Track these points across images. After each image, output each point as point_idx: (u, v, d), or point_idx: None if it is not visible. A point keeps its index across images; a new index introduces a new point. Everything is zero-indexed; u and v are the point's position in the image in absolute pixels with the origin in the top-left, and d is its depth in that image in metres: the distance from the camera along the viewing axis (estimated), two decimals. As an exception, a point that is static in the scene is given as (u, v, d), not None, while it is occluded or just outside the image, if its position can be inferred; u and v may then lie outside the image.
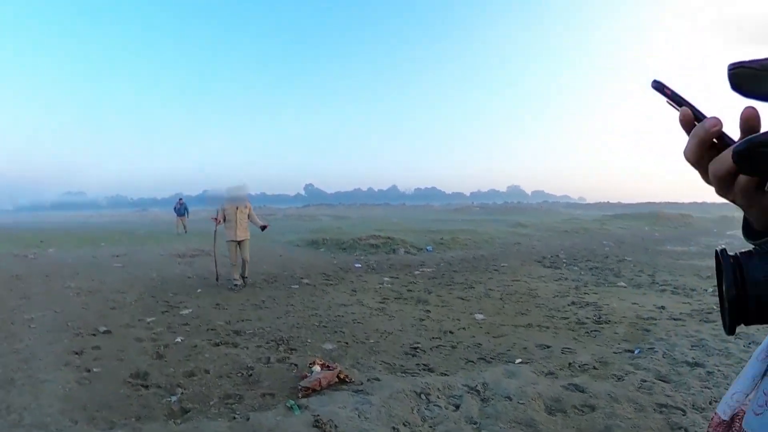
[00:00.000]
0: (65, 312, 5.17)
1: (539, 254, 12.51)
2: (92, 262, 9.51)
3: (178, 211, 19.52)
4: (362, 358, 3.92)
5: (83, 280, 7.32)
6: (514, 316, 5.39)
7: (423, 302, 6.27)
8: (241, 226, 7.00)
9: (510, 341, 4.35)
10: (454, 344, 4.31)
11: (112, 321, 4.86)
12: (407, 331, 4.80)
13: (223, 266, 7.64)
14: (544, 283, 7.72)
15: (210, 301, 6.13)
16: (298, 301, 6.25)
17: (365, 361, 3.84)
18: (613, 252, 13.16)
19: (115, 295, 6.21)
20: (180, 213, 19.42)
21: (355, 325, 4.99)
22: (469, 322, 5.16)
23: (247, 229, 7.15)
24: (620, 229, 25.73)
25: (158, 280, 7.56)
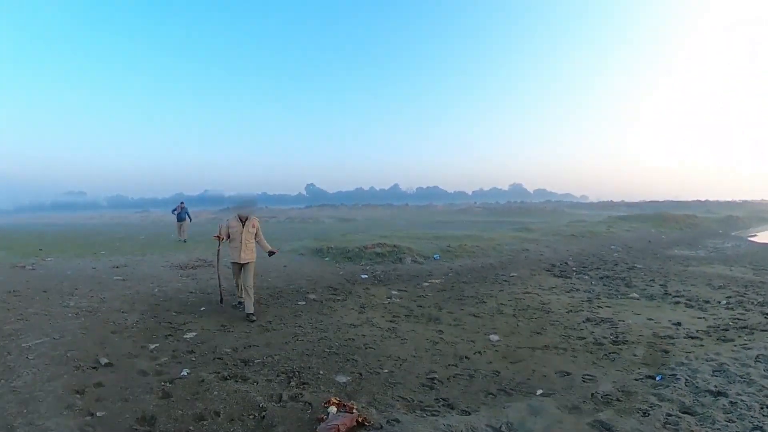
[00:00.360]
0: (64, 338, 4.93)
1: (548, 262, 12.33)
2: (92, 274, 9.27)
3: (178, 216, 17.68)
4: (378, 394, 3.71)
5: (83, 296, 7.08)
6: (530, 336, 5.22)
7: (435, 320, 6.07)
8: (247, 248, 6.12)
9: (528, 368, 4.19)
10: (472, 373, 4.13)
11: (113, 349, 4.63)
12: (422, 357, 4.60)
13: (225, 278, 7.32)
14: (555, 296, 7.53)
15: (215, 322, 5.90)
16: (306, 321, 6.03)
17: (382, 398, 3.64)
18: (622, 258, 12.98)
19: (115, 316, 5.97)
20: (181, 218, 17.64)
21: (367, 351, 4.78)
22: (483, 344, 4.99)
23: (254, 251, 6.27)
24: (627, 231, 25.54)
25: (160, 296, 7.32)
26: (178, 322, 5.84)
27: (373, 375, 4.12)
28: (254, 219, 6.23)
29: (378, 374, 4.12)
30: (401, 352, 4.75)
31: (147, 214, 74.04)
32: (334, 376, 4.07)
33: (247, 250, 6.14)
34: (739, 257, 13.93)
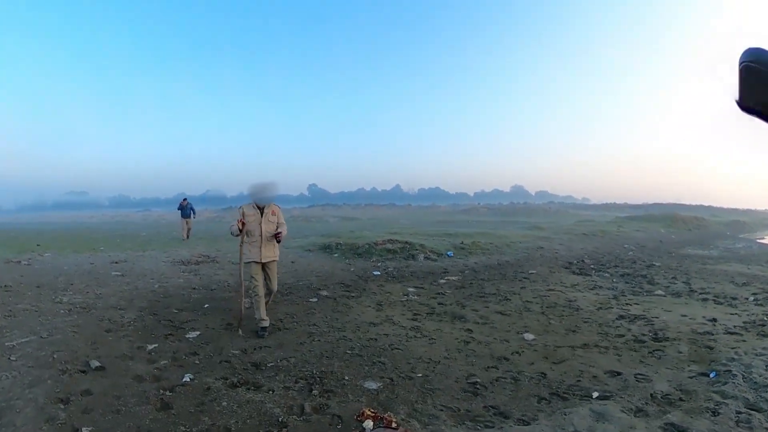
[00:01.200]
0: (53, 337, 4.39)
1: (564, 260, 11.97)
2: (89, 269, 8.74)
3: (183, 212, 16.73)
4: (418, 403, 3.18)
5: (77, 292, 6.54)
6: (565, 335, 4.81)
7: (460, 319, 5.57)
8: (268, 242, 4.86)
9: (574, 368, 3.84)
10: (515, 375, 3.68)
11: (106, 350, 4.08)
12: (455, 358, 4.11)
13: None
14: (580, 293, 7.16)
15: (220, 320, 5.37)
16: (320, 319, 5.50)
17: (423, 407, 3.11)
18: (638, 256, 12.64)
19: (111, 313, 5.43)
20: (185, 214, 16.66)
21: (394, 353, 4.26)
22: (519, 344, 4.56)
23: (276, 247, 5.00)
24: (637, 231, 25.38)
25: (160, 292, 6.78)
26: (180, 320, 5.30)
27: (405, 380, 3.61)
28: (274, 205, 4.95)
29: (411, 379, 3.62)
30: (432, 353, 4.27)
31: (149, 213, 73.65)
32: (361, 382, 3.54)
33: (269, 246, 4.87)
34: (754, 257, 13.67)
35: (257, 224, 4.79)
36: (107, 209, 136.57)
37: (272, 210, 4.92)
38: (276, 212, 4.96)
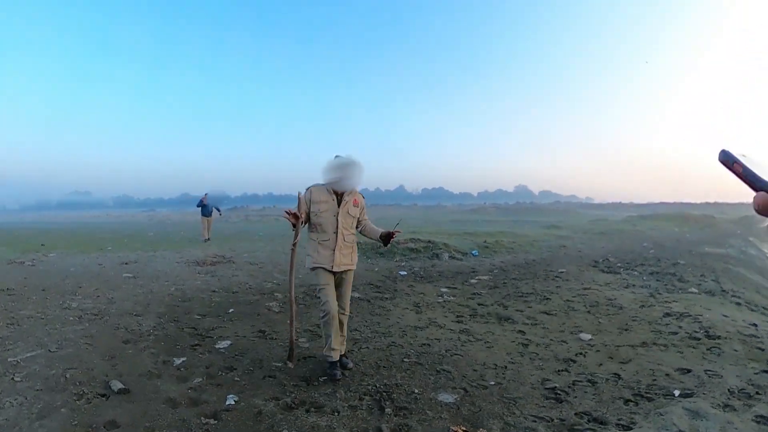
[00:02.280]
0: (63, 351, 3.80)
1: (590, 258, 11.53)
2: (98, 271, 8.16)
3: (204, 209, 14.52)
4: (507, 415, 2.81)
5: (87, 296, 5.95)
6: (620, 334, 4.60)
7: (507, 320, 5.19)
8: (345, 243, 3.48)
9: (644, 367, 3.68)
10: (590, 378, 3.44)
11: (127, 366, 3.48)
12: (521, 362, 3.81)
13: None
14: (617, 291, 6.87)
15: (249, 327, 4.78)
16: (361, 323, 4.96)
17: (514, 419, 2.75)
18: (660, 255, 12.23)
19: (127, 321, 4.83)
20: (206, 212, 14.52)
21: (454, 359, 3.84)
22: (578, 344, 4.30)
23: (355, 250, 3.62)
24: (652, 230, 25.17)
25: (178, 296, 6.18)
26: (205, 327, 4.71)
27: (480, 389, 3.23)
28: (357, 193, 3.56)
29: (486, 388, 3.26)
30: (494, 358, 3.92)
31: (154, 213, 73.22)
32: (434, 395, 3.10)
33: (346, 248, 3.48)
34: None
35: (332, 216, 3.40)
36: (111, 209, 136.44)
37: (355, 199, 3.49)
38: (359, 203, 3.54)
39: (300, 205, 3.43)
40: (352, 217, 3.50)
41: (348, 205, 3.45)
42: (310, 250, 3.50)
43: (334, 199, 3.41)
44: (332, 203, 3.41)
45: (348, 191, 3.45)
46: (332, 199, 3.41)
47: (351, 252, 3.54)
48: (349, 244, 3.51)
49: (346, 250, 3.48)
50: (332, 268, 3.40)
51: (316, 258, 3.45)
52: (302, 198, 3.44)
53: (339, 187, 3.39)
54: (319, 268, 3.44)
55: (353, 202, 3.49)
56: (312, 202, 3.42)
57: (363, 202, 3.61)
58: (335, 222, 3.40)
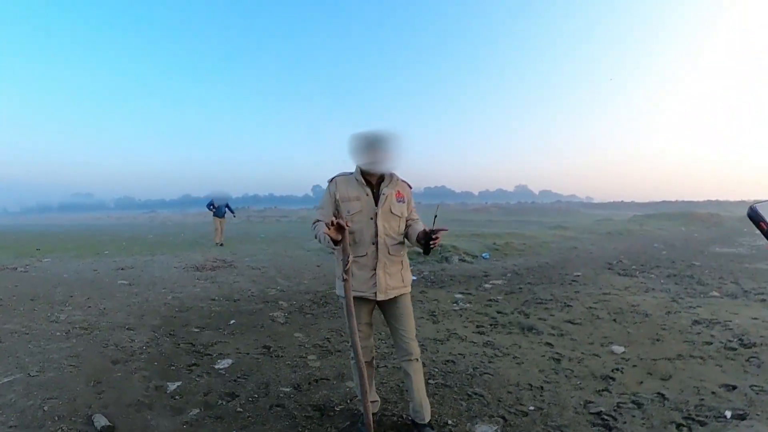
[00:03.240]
0: (45, 375, 3.38)
1: (603, 260, 11.09)
2: (92, 277, 7.75)
3: (217, 210, 13.24)
4: None
5: (77, 307, 5.54)
6: (652, 345, 4.29)
7: (530, 330, 4.82)
8: (390, 255, 2.42)
9: (687, 384, 3.38)
10: (634, 398, 3.11)
11: (114, 394, 3.06)
12: (557, 381, 3.44)
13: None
14: (638, 297, 6.53)
15: (252, 341, 4.36)
16: (376, 335, 4.51)
17: None
18: (673, 255, 11.84)
19: (118, 336, 4.41)
20: (220, 213, 13.27)
21: (484, 379, 3.45)
22: (613, 358, 3.96)
23: (406, 265, 2.55)
24: (659, 230, 24.75)
25: (175, 305, 5.76)
26: (204, 342, 4.29)
27: (520, 416, 2.86)
28: (399, 182, 2.51)
29: (526, 415, 2.89)
30: (527, 376, 3.55)
31: (155, 214, 72.84)
32: (471, 426, 2.71)
33: (392, 263, 2.44)
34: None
35: (368, 218, 2.36)
36: (113, 211, 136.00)
37: (398, 191, 2.45)
38: (405, 195, 2.49)
39: (323, 211, 2.42)
40: (396, 216, 2.40)
41: (389, 201, 2.38)
42: (337, 269, 2.43)
43: (369, 193, 2.37)
44: (366, 200, 2.36)
45: (386, 180, 2.42)
46: (366, 193, 2.37)
47: (401, 269, 2.45)
48: (397, 257, 2.42)
49: (393, 267, 2.40)
50: (375, 295, 2.35)
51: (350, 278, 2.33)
52: (327, 201, 2.42)
53: (372, 168, 2.35)
54: (354, 296, 2.30)
55: (396, 194, 2.41)
56: (339, 198, 2.37)
57: (410, 192, 2.52)
58: (373, 227, 2.34)
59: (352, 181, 2.41)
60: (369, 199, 2.38)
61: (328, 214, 2.38)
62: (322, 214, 2.41)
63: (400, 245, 2.44)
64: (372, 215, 2.37)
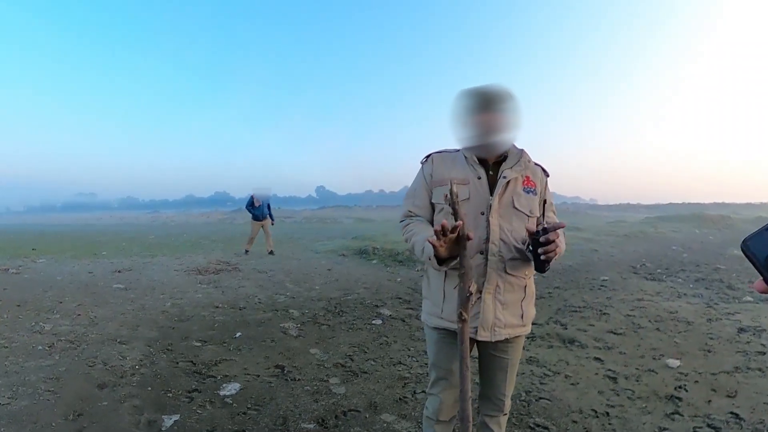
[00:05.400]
0: (17, 403, 2.80)
1: (626, 264, 10.62)
2: (86, 280, 7.18)
3: (255, 211, 10.69)
4: None
5: (66, 315, 4.95)
6: (705, 357, 4.00)
7: (573, 343, 4.39)
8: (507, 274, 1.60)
9: (755, 400, 3.11)
10: (708, 421, 2.82)
11: (98, 429, 2.48)
12: (622, 405, 3.05)
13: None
14: (673, 302, 6.22)
15: (263, 358, 3.79)
16: (402, 352, 4.03)
17: None
18: (694, 259, 11.40)
19: (108, 351, 3.83)
20: (260, 215, 10.70)
21: (542, 405, 3.02)
22: (671, 374, 3.63)
23: (531, 292, 1.69)
24: (674, 232, 24.30)
25: (174, 314, 5.18)
26: (206, 360, 3.70)
27: None
28: (530, 162, 1.68)
29: None
30: (587, 399, 3.14)
31: (157, 215, 72.44)
32: None
33: (509, 288, 1.62)
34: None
35: (477, 211, 1.60)
36: (116, 211, 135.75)
37: (527, 176, 1.65)
38: (537, 184, 1.68)
39: (415, 196, 1.73)
40: (521, 213, 1.62)
41: (513, 189, 1.62)
42: (430, 291, 1.74)
43: (482, 175, 1.62)
44: (478, 184, 1.61)
45: (511, 158, 1.66)
46: (477, 176, 1.62)
47: (521, 298, 1.66)
48: (518, 279, 1.64)
49: (510, 295, 1.63)
50: (476, 332, 1.61)
51: (439, 308, 1.67)
52: (418, 179, 1.75)
53: (487, 149, 1.61)
54: (444, 330, 1.68)
55: (525, 181, 1.64)
56: (435, 181, 1.67)
57: (545, 183, 1.72)
58: (484, 226, 1.59)
59: (458, 158, 1.67)
60: (482, 183, 1.60)
61: (423, 207, 1.69)
62: (414, 206, 1.71)
63: (523, 261, 1.61)
64: (483, 208, 1.59)
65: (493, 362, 1.71)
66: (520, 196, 1.61)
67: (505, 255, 1.58)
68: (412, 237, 1.62)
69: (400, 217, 1.77)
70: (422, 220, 1.69)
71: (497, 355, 1.69)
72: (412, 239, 1.62)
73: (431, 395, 1.78)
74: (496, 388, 1.74)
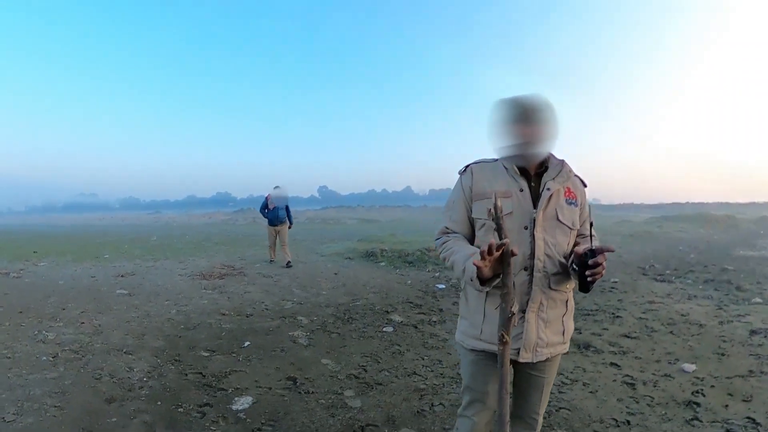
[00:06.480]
0: (22, 420, 2.69)
1: (634, 264, 10.59)
2: (89, 285, 7.06)
3: (273, 216, 9.31)
4: None
5: (69, 323, 4.83)
6: (719, 361, 4.00)
7: (589, 348, 4.36)
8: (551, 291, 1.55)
9: None
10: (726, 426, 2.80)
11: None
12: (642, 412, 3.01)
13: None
14: (683, 304, 6.22)
15: (274, 369, 3.68)
16: (416, 362, 3.94)
17: None
18: (702, 259, 11.45)
19: (114, 363, 3.71)
20: (278, 219, 9.28)
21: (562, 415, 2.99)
22: (687, 379, 3.61)
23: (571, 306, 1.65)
24: (679, 232, 24.33)
25: (180, 321, 5.05)
26: (215, 372, 3.58)
27: None
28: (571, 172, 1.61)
29: None
30: (606, 408, 3.09)
31: (159, 215, 72.32)
32: None
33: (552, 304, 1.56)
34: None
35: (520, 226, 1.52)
36: (117, 211, 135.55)
37: (568, 187, 1.58)
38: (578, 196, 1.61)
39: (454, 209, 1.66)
40: (565, 227, 1.56)
41: (556, 200, 1.55)
42: (468, 311, 1.66)
43: (524, 187, 1.54)
44: (520, 197, 1.54)
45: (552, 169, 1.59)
46: (519, 188, 1.54)
47: (563, 314, 1.61)
48: (560, 294, 1.58)
49: (553, 311, 1.57)
50: (518, 353, 1.54)
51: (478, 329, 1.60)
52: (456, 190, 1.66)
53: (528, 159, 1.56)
54: (482, 352, 1.60)
55: (566, 192, 1.57)
56: (475, 194, 1.59)
57: (585, 194, 1.66)
58: (528, 242, 1.52)
59: (498, 169, 1.59)
60: (524, 196, 1.53)
61: (461, 221, 1.63)
62: (452, 222, 1.64)
63: (565, 276, 1.55)
64: (527, 222, 1.52)
65: (529, 381, 1.65)
66: (564, 209, 1.56)
67: (550, 270, 1.53)
68: (451, 256, 1.56)
69: (437, 234, 1.70)
70: (460, 237, 1.63)
71: (534, 375, 1.64)
72: (451, 258, 1.55)
73: (464, 417, 1.70)
74: (531, 408, 1.68)
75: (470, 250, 1.50)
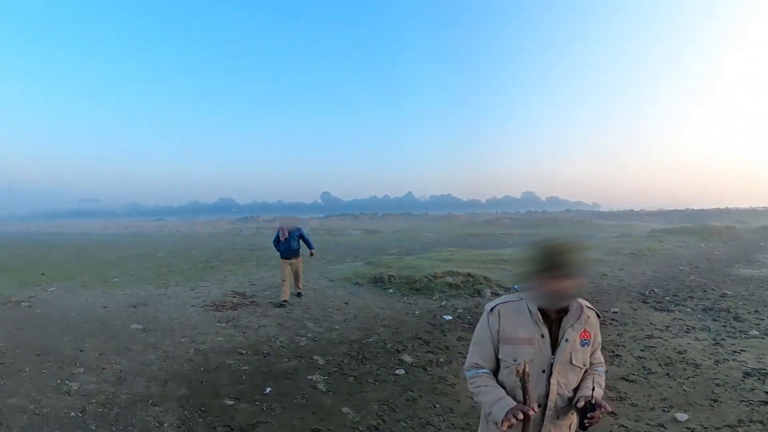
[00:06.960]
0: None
1: (634, 290, 10.58)
2: (102, 317, 7.15)
3: (285, 248, 8.39)
4: None
5: (90, 368, 4.89)
6: (711, 408, 4.05)
7: None
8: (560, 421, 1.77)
9: None
10: None
11: None
12: None
13: None
14: (681, 339, 6.28)
15: (298, 419, 3.81)
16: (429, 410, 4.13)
17: None
18: (701, 282, 11.38)
19: (143, 416, 3.79)
20: (290, 250, 8.42)
21: None
22: (678, 430, 3.65)
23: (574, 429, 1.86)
24: (679, 247, 24.13)
25: (200, 363, 5.14)
26: (242, 423, 3.68)
27: None
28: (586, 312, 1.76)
29: None
30: None
31: (163, 223, 72.33)
32: None
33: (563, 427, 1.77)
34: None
35: (538, 370, 1.69)
36: (120, 218, 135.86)
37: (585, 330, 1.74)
38: (592, 334, 1.77)
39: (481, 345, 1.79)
40: (576, 368, 1.73)
41: (572, 346, 1.70)
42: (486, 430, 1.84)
43: (545, 334, 1.69)
44: (541, 343, 1.68)
45: (572, 314, 1.70)
46: (541, 334, 1.69)
47: None
48: (565, 422, 1.76)
49: None
50: None
51: None
52: (483, 329, 1.79)
53: (555, 304, 1.67)
54: None
55: (582, 334, 1.72)
56: (502, 338, 1.73)
57: (597, 326, 1.79)
58: (544, 384, 1.69)
59: (523, 313, 1.71)
60: (545, 342, 1.68)
61: (489, 359, 1.78)
62: (481, 359, 1.80)
63: (570, 405, 1.73)
64: (545, 367, 1.68)
65: None
66: (578, 352, 1.73)
67: (560, 406, 1.73)
68: (480, 395, 1.74)
69: (467, 366, 1.86)
70: (489, 375, 1.78)
71: None
72: (480, 397, 1.74)
73: None
74: None
75: (497, 394, 1.70)
